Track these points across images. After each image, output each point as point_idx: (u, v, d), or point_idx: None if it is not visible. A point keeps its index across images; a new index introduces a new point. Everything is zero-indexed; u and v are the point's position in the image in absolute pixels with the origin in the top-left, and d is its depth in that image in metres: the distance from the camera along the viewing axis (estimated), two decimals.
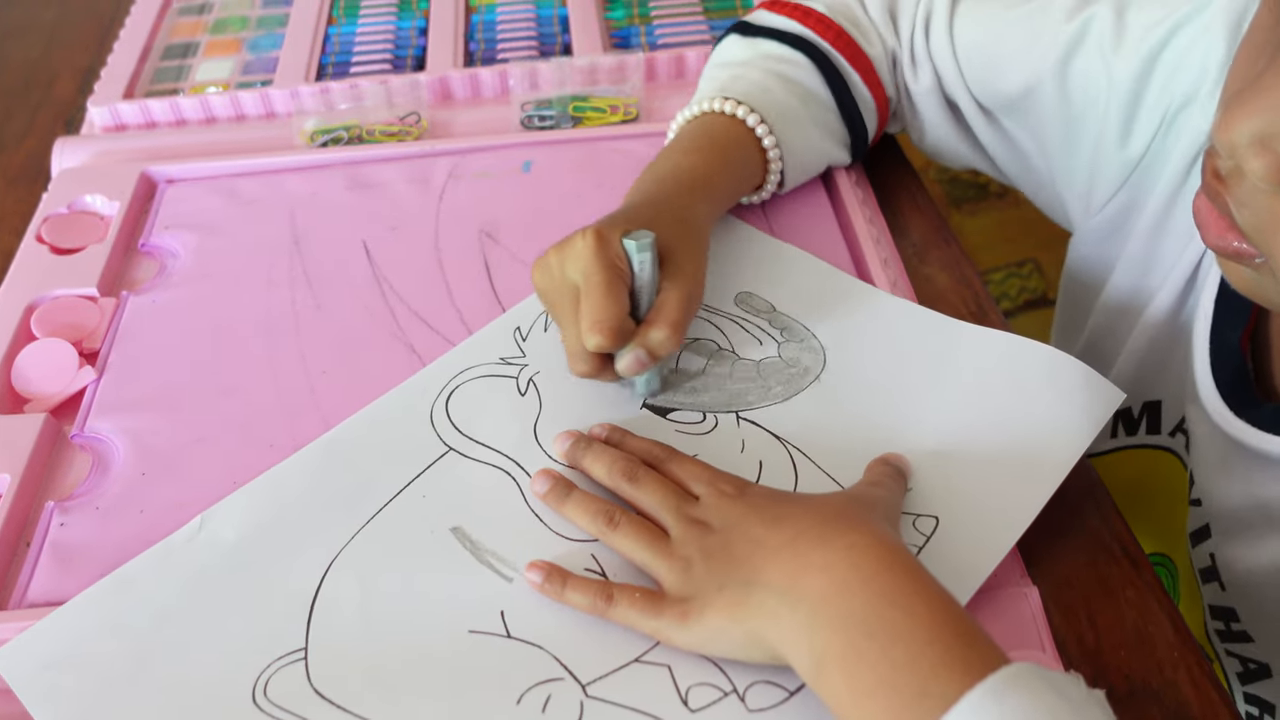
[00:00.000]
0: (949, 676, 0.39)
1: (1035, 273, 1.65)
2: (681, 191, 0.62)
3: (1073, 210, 0.71)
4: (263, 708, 0.46)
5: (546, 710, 0.45)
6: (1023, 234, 1.68)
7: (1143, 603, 0.52)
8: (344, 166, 0.77)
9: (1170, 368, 0.64)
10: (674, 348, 0.55)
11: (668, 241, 0.57)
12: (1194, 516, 0.61)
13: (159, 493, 0.56)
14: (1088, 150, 0.67)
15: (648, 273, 0.55)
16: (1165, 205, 0.63)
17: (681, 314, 0.55)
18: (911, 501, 0.53)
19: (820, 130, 0.70)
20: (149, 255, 0.72)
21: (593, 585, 0.49)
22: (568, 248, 0.55)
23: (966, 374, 0.58)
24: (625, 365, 0.55)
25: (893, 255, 0.69)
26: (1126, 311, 0.68)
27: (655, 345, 0.54)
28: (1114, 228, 0.68)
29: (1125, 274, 0.68)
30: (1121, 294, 0.68)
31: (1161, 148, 0.63)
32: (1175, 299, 0.63)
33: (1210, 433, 0.58)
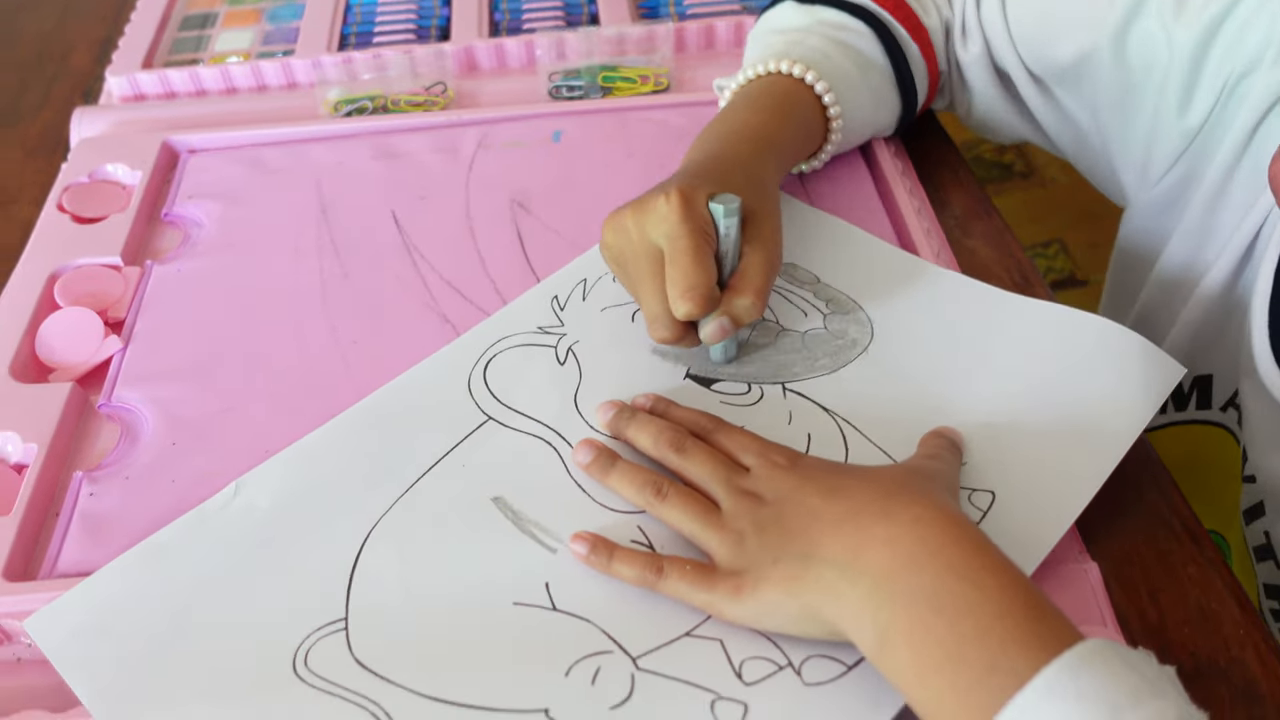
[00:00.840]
0: (1020, 652, 0.38)
1: (1061, 253, 1.63)
2: (751, 150, 0.60)
3: (1127, 183, 0.70)
4: (304, 678, 0.45)
5: (596, 682, 0.44)
6: (1048, 214, 1.67)
7: (1205, 580, 0.50)
8: (370, 136, 0.75)
9: (1223, 341, 0.63)
10: (758, 315, 0.54)
11: (746, 203, 0.55)
12: (1248, 494, 0.60)
13: (190, 463, 0.54)
14: (1145, 120, 0.65)
15: (733, 237, 0.53)
16: (1224, 175, 0.61)
17: (765, 280, 0.54)
18: (966, 476, 0.51)
19: (874, 100, 0.68)
20: (172, 225, 0.70)
21: (641, 557, 0.47)
22: (649, 208, 0.53)
23: (1019, 347, 0.56)
24: (710, 333, 0.53)
25: (935, 227, 0.67)
26: (1181, 285, 0.66)
27: (740, 313, 0.53)
28: (1171, 200, 0.66)
29: (1180, 246, 0.66)
30: (1176, 267, 0.67)
31: (1221, 117, 0.62)
32: (1231, 271, 0.62)
33: (1267, 408, 0.57)
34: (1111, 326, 0.56)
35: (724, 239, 0.53)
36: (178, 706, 0.44)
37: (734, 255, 0.54)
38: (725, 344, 0.56)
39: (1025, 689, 0.36)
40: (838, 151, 0.69)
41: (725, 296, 0.53)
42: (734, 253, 0.54)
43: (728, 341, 0.56)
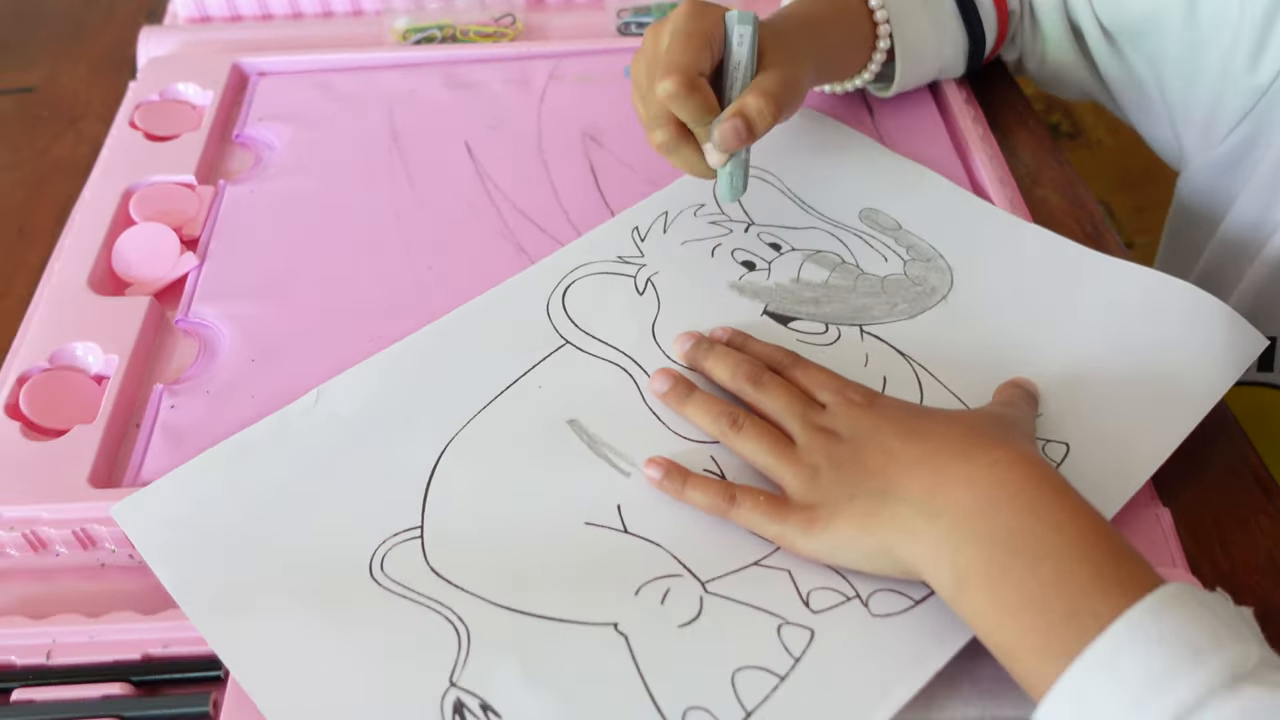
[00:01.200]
0: (1101, 595, 0.38)
1: (1107, 216, 1.62)
2: (792, 26, 0.61)
3: (1188, 141, 0.69)
4: (380, 581, 0.46)
5: (665, 602, 0.45)
6: (1095, 176, 1.65)
7: (1276, 530, 0.51)
8: (440, 65, 0.75)
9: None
10: (769, 119, 0.54)
11: (769, 43, 0.56)
12: None
13: (269, 379, 0.55)
14: (1211, 78, 0.64)
15: (746, 49, 0.54)
16: None
17: (780, 89, 0.54)
18: (1041, 427, 0.51)
19: (936, 30, 0.68)
20: (244, 146, 0.70)
21: (714, 485, 0.48)
22: (666, 19, 0.56)
23: (1101, 304, 0.56)
24: (721, 131, 0.54)
25: (1007, 175, 0.67)
26: (1247, 245, 0.66)
27: (752, 113, 0.53)
28: (1235, 160, 0.66)
29: (1248, 206, 0.66)
30: (1242, 227, 0.66)
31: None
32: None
33: None
34: (1199, 294, 0.55)
35: (736, 49, 0.54)
36: (258, 599, 0.45)
37: (747, 73, 0.55)
38: (732, 174, 0.56)
39: (1106, 632, 0.37)
40: (903, 80, 0.68)
41: (740, 100, 0.54)
42: (747, 69, 0.54)
43: (735, 171, 0.56)
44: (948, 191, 0.64)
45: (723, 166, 0.56)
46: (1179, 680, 0.35)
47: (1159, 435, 0.51)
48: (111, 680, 0.44)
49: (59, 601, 0.47)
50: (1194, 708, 0.35)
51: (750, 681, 0.42)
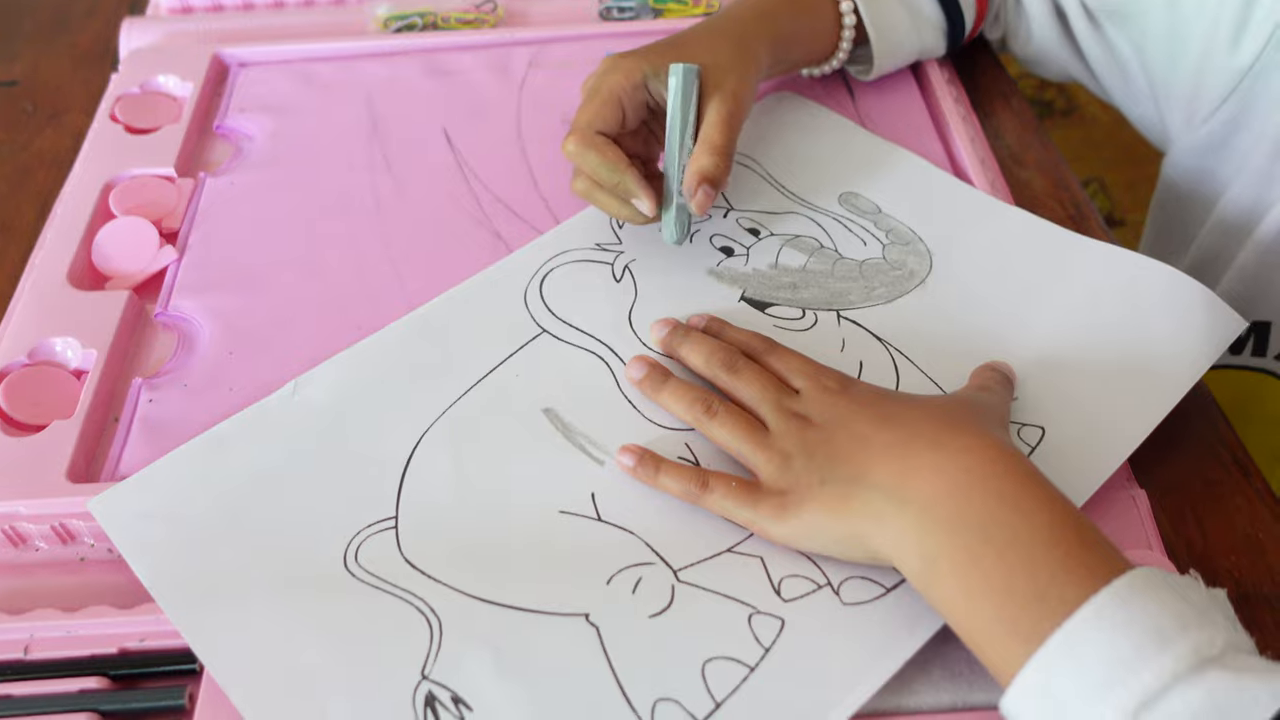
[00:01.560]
0: (1069, 581, 0.38)
1: (1100, 192, 1.61)
2: (739, 16, 0.61)
3: (1172, 122, 0.69)
4: (354, 572, 0.46)
5: (637, 592, 0.45)
6: (1088, 152, 1.64)
7: (1252, 510, 0.51)
8: (420, 53, 0.75)
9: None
10: (724, 169, 0.55)
11: (709, 60, 0.57)
12: None
13: (248, 371, 0.55)
14: (1193, 58, 0.64)
15: (678, 101, 0.56)
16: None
17: (728, 135, 0.56)
18: (1017, 411, 0.51)
19: (910, 13, 0.67)
20: (224, 137, 0.70)
21: (687, 471, 0.48)
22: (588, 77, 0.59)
23: (1078, 287, 0.56)
24: (698, 201, 0.55)
25: (989, 156, 0.66)
26: (1240, 228, 0.66)
27: (707, 170, 0.55)
28: (1220, 141, 0.66)
29: (1241, 190, 0.65)
30: (1235, 210, 0.66)
31: (1275, 57, 0.61)
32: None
33: None
34: (1177, 276, 0.55)
35: (674, 101, 0.56)
36: (233, 592, 0.45)
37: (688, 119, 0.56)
38: (677, 220, 0.56)
39: (1072, 617, 0.37)
40: (881, 64, 0.68)
41: (692, 161, 0.55)
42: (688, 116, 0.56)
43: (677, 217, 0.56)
44: (928, 174, 0.63)
45: (665, 213, 0.56)
46: (1144, 665, 0.35)
47: (1136, 418, 0.51)
48: (89, 674, 0.44)
49: (37, 596, 0.47)
50: (1159, 693, 0.35)
51: (720, 672, 0.42)
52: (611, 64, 0.57)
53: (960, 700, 0.43)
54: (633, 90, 0.56)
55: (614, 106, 0.56)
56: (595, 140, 0.55)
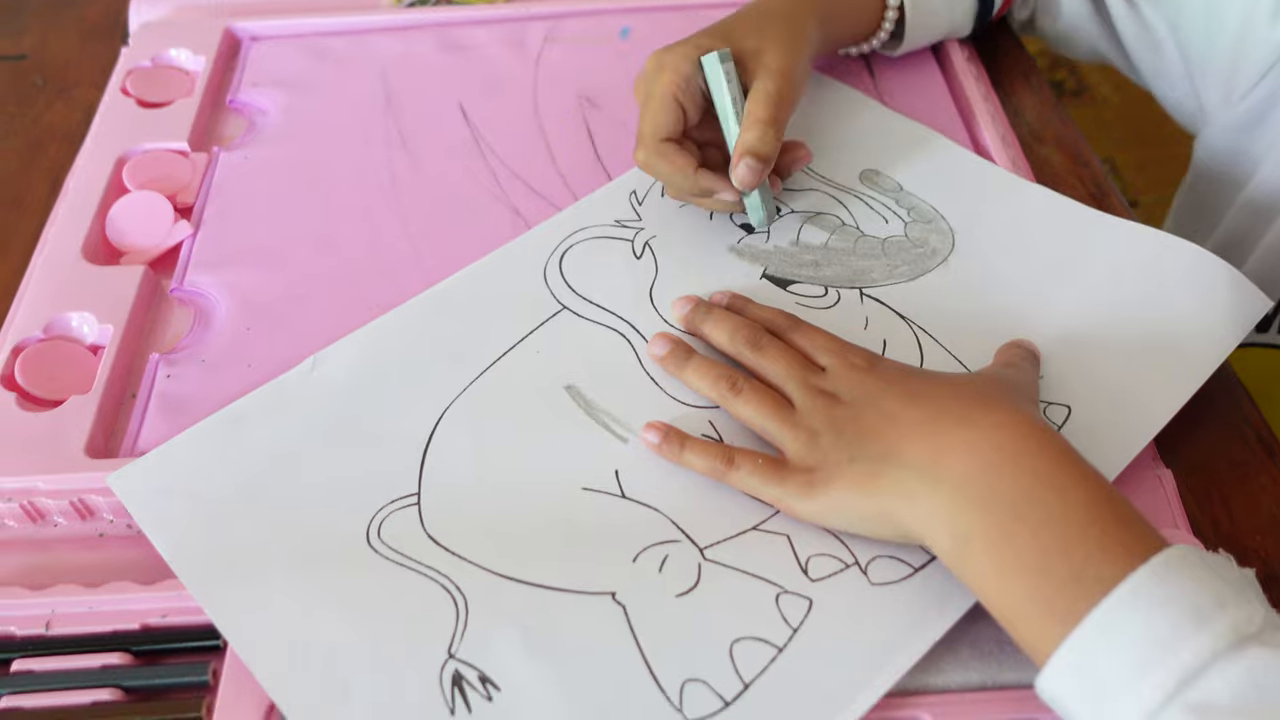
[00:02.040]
0: (1105, 559, 0.38)
1: (1111, 173, 1.60)
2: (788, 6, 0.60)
3: (1208, 100, 0.68)
4: (377, 549, 0.45)
5: (664, 570, 0.45)
6: (1100, 133, 1.63)
7: (1278, 490, 0.50)
8: (434, 28, 0.74)
9: None
10: (772, 142, 0.54)
11: (756, 42, 0.56)
12: None
13: (266, 347, 0.55)
14: (1231, 33, 0.63)
15: (726, 86, 0.55)
16: None
17: (772, 109, 0.54)
18: (1043, 390, 0.51)
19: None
20: (238, 112, 0.70)
21: (713, 448, 0.47)
22: (641, 73, 0.57)
23: (1102, 266, 0.56)
24: (740, 175, 0.54)
25: (1010, 134, 0.66)
26: (1270, 207, 0.65)
27: (752, 144, 0.54)
28: (1256, 118, 0.65)
29: (1274, 166, 0.64)
30: (1267, 188, 0.65)
31: None
32: None
33: None
34: (1202, 254, 0.55)
35: (716, 93, 0.55)
36: (255, 568, 0.45)
37: (735, 101, 0.55)
38: (763, 201, 0.56)
39: (1110, 595, 0.36)
40: (911, 41, 0.68)
41: (740, 139, 0.54)
42: (735, 104, 0.55)
43: (764, 198, 0.56)
44: (950, 152, 0.63)
45: (747, 197, 0.56)
46: (1184, 643, 0.35)
47: (1162, 397, 0.50)
48: (111, 650, 0.44)
49: (58, 572, 0.47)
50: (1199, 670, 0.34)
51: (748, 653, 0.42)
52: (658, 63, 0.56)
53: (990, 679, 0.42)
54: (686, 85, 0.55)
55: (672, 108, 0.55)
56: (662, 149, 0.55)
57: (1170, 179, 0.75)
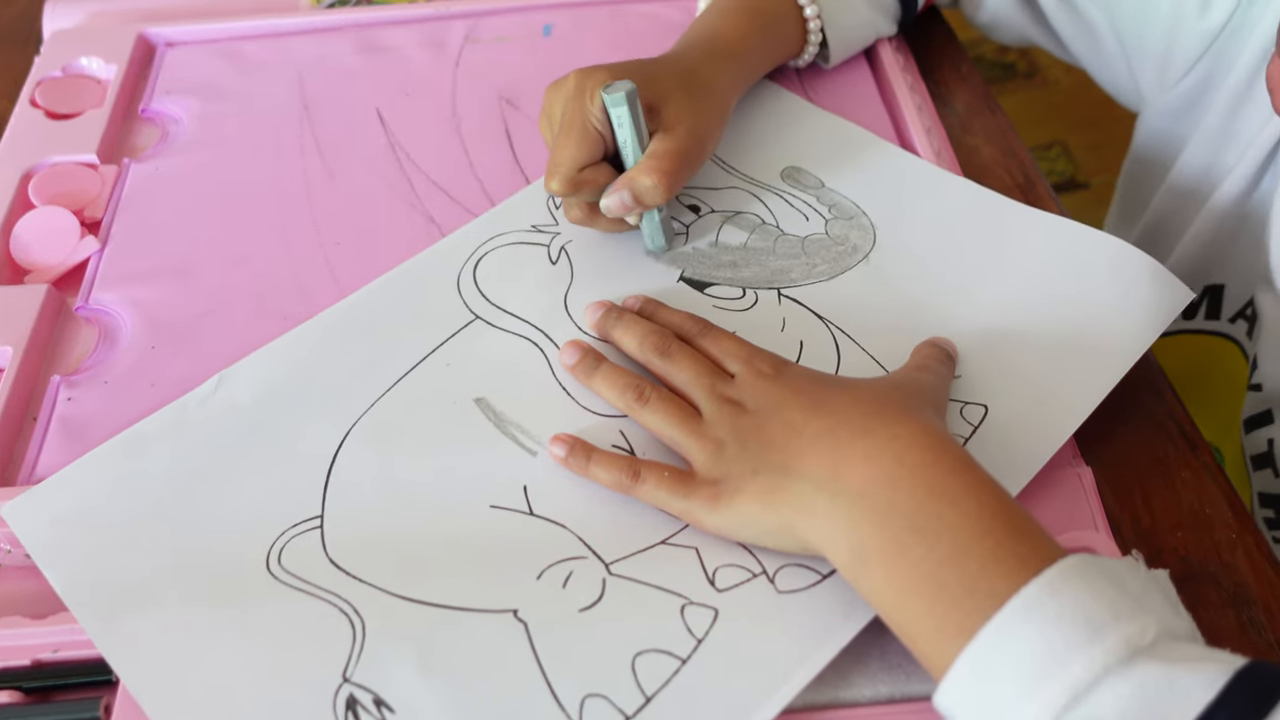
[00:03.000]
0: (999, 573, 0.37)
1: (1063, 155, 1.60)
2: (705, 54, 0.59)
3: (1145, 84, 0.67)
4: (277, 575, 0.44)
5: (567, 586, 0.44)
6: (1050, 115, 1.63)
7: (1199, 484, 0.50)
8: (353, 29, 0.73)
9: (1239, 249, 0.61)
10: (660, 196, 0.52)
11: (670, 96, 0.54)
12: (1253, 401, 0.59)
13: (170, 366, 0.53)
14: (1164, 20, 0.63)
15: (627, 127, 0.52)
16: (1248, 79, 0.60)
17: (672, 164, 0.52)
18: (960, 389, 0.50)
19: (869, 7, 0.66)
20: (150, 121, 0.68)
21: (619, 461, 0.46)
22: (558, 87, 0.55)
23: (1024, 259, 0.55)
24: (607, 203, 0.53)
25: (936, 125, 0.65)
26: (1196, 191, 0.65)
27: (639, 190, 0.52)
28: (1190, 101, 0.64)
29: (1199, 150, 0.64)
30: (1192, 172, 0.65)
31: (1245, 19, 0.59)
32: (1250, 178, 0.60)
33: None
34: (1124, 247, 0.54)
35: (617, 129, 0.52)
36: (149, 599, 0.44)
37: (635, 144, 0.53)
38: (650, 231, 0.55)
39: (1003, 610, 0.36)
40: (837, 59, 0.67)
41: (630, 174, 0.53)
42: (634, 142, 0.53)
43: (651, 228, 0.55)
44: (874, 147, 0.62)
45: (638, 224, 0.55)
46: (1075, 657, 0.34)
47: (1080, 393, 0.49)
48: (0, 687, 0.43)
49: None
50: (1090, 685, 0.34)
51: (651, 665, 0.41)
52: (580, 86, 0.53)
53: (898, 692, 0.42)
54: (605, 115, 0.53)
55: (592, 139, 0.53)
56: (581, 179, 0.53)
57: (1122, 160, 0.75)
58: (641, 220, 0.55)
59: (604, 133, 0.53)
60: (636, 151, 0.53)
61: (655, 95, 0.54)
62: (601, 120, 0.53)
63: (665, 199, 0.53)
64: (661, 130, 0.54)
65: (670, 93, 0.54)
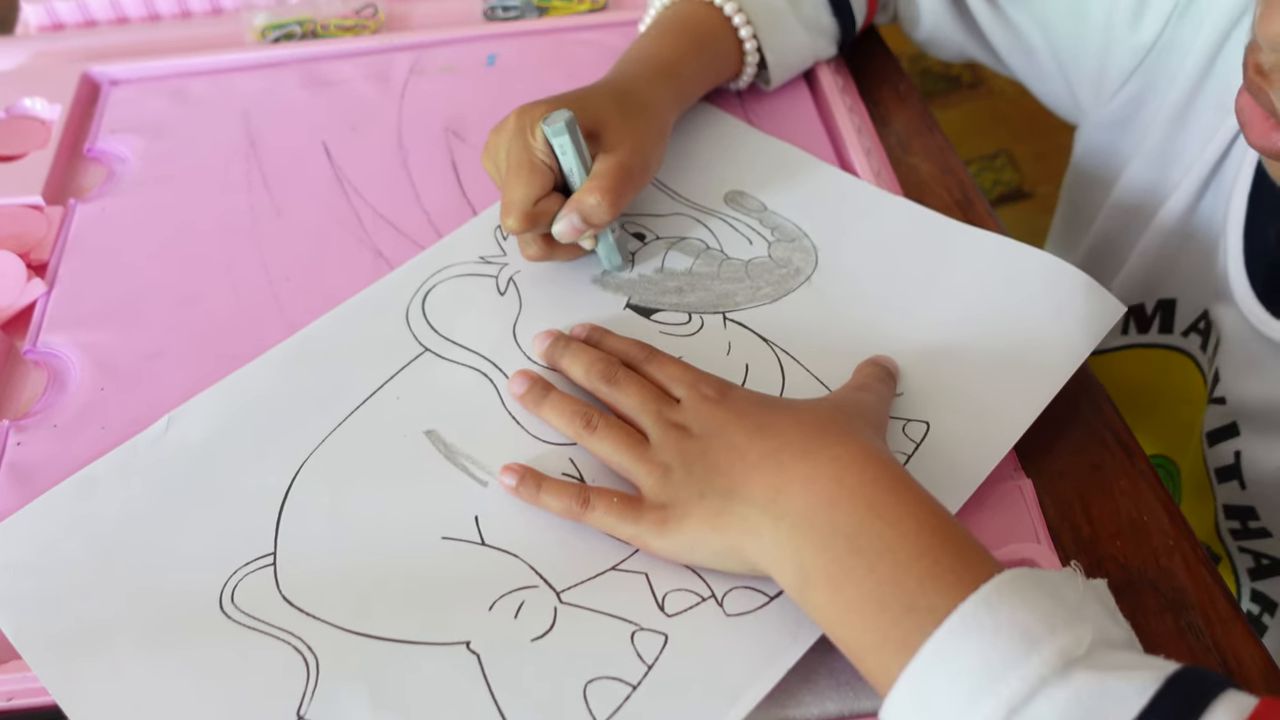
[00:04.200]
0: (938, 590, 0.38)
1: (1008, 165, 1.62)
2: (642, 74, 0.60)
3: (1082, 96, 0.69)
4: (230, 615, 0.44)
5: (519, 617, 0.44)
6: (995, 125, 1.65)
7: (1137, 492, 0.51)
8: (298, 64, 0.73)
9: (1188, 264, 0.63)
10: (606, 214, 0.53)
11: (608, 120, 0.55)
12: (1215, 415, 0.60)
13: (120, 408, 0.53)
14: (1096, 34, 0.64)
15: (570, 154, 0.53)
16: (1187, 96, 0.61)
17: (615, 181, 0.53)
18: (902, 406, 0.51)
19: (808, 30, 0.67)
20: (96, 161, 0.68)
21: (569, 489, 0.47)
22: (500, 129, 0.55)
23: (962, 277, 0.56)
24: (559, 229, 0.54)
25: (875, 145, 0.66)
26: (1142, 206, 0.66)
27: (587, 211, 0.53)
28: (1127, 115, 0.66)
29: (1142, 167, 0.66)
30: (1138, 187, 0.66)
31: (1177, 35, 0.61)
32: (1195, 194, 0.61)
33: (1243, 333, 0.57)
34: (1057, 263, 0.55)
35: (561, 157, 0.53)
36: (102, 643, 0.44)
37: (580, 170, 0.54)
38: (605, 250, 0.56)
39: (942, 626, 0.37)
40: (777, 82, 0.68)
41: (575, 196, 0.54)
42: (579, 166, 0.54)
43: (606, 247, 0.56)
44: (813, 168, 0.63)
45: (594, 247, 0.56)
46: (1012, 670, 0.35)
47: (1019, 407, 0.51)
48: None
49: None
50: (1029, 697, 0.35)
51: (602, 692, 0.42)
52: (520, 124, 0.54)
53: (847, 709, 0.42)
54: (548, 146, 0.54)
55: (541, 173, 0.53)
56: (536, 212, 0.53)
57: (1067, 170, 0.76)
58: (597, 242, 0.56)
59: (550, 164, 0.54)
60: (582, 175, 0.54)
61: (594, 121, 0.55)
62: (546, 152, 0.53)
63: (612, 215, 0.53)
64: (603, 152, 0.55)
65: (608, 116, 0.55)
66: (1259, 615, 0.61)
